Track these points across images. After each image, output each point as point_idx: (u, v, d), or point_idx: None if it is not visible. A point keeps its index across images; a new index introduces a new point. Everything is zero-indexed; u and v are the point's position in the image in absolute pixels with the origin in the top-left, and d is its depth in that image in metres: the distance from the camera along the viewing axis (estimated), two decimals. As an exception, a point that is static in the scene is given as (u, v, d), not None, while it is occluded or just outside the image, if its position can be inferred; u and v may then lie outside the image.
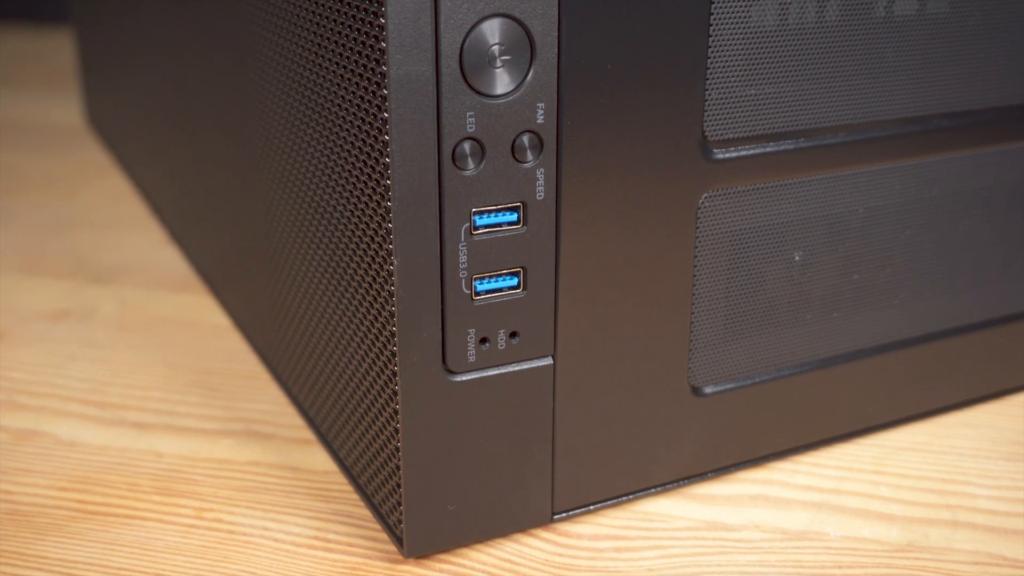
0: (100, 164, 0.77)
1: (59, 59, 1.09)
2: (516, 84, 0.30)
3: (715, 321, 0.37)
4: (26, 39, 1.21)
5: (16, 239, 0.63)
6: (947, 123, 0.38)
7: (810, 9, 0.34)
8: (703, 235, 0.35)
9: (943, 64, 0.37)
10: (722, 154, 0.34)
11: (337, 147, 0.33)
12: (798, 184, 0.36)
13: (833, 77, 0.35)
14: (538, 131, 0.31)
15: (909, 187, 0.38)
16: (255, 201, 0.42)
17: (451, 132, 0.30)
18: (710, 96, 0.33)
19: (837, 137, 0.36)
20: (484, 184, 0.31)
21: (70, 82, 0.99)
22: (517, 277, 0.32)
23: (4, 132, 0.86)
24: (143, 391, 0.46)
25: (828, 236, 0.38)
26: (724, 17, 0.33)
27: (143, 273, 0.58)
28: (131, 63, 0.64)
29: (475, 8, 0.29)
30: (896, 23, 0.36)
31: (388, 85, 0.29)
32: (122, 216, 0.67)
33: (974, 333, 0.42)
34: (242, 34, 0.40)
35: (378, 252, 0.31)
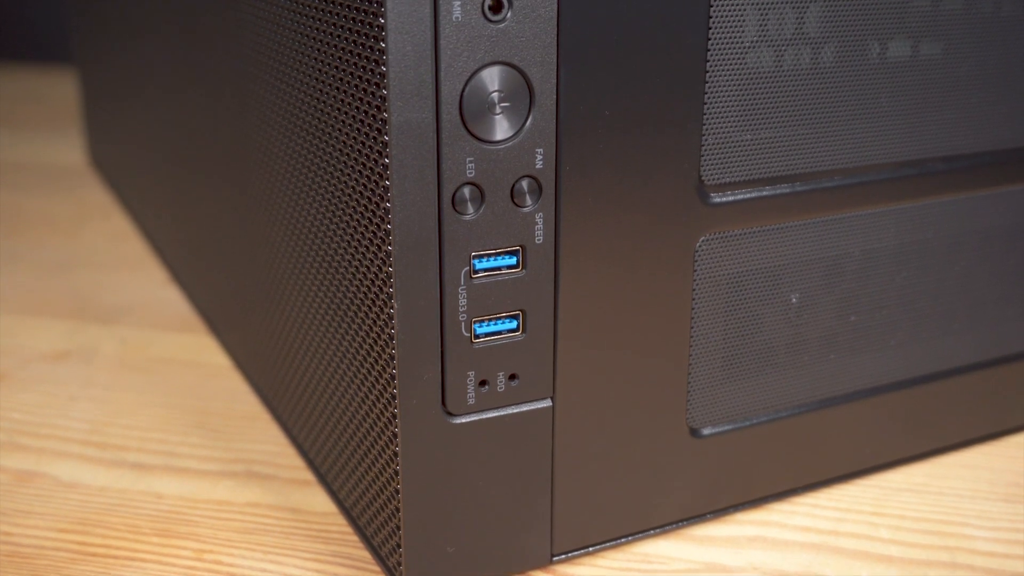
0: (102, 204, 0.78)
1: (62, 99, 1.10)
2: (515, 130, 0.31)
3: (713, 363, 0.37)
4: (29, 79, 1.22)
5: (18, 279, 0.64)
6: (942, 167, 0.38)
7: (805, 54, 0.35)
8: (701, 278, 0.35)
9: (937, 108, 0.38)
10: (719, 198, 0.35)
11: (338, 191, 0.33)
12: (795, 227, 0.37)
13: (828, 121, 0.36)
14: (537, 176, 0.31)
15: (905, 230, 0.39)
16: (256, 242, 0.43)
17: (451, 177, 0.30)
18: (707, 141, 0.34)
19: (833, 181, 0.37)
20: (484, 228, 0.31)
21: (72, 122, 1.00)
22: (516, 320, 0.33)
23: (6, 172, 0.87)
24: (143, 432, 0.46)
25: (825, 278, 0.38)
26: (720, 63, 0.33)
27: (144, 313, 0.58)
28: (134, 104, 0.65)
29: (475, 56, 0.29)
30: (890, 67, 0.36)
31: (389, 131, 0.29)
32: (124, 256, 0.67)
33: (970, 374, 0.42)
34: (245, 78, 0.41)
35: (379, 295, 0.32)
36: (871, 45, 0.36)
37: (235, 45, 0.41)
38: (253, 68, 0.39)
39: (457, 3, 0.29)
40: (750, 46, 0.34)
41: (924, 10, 0.36)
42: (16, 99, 1.13)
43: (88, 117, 0.84)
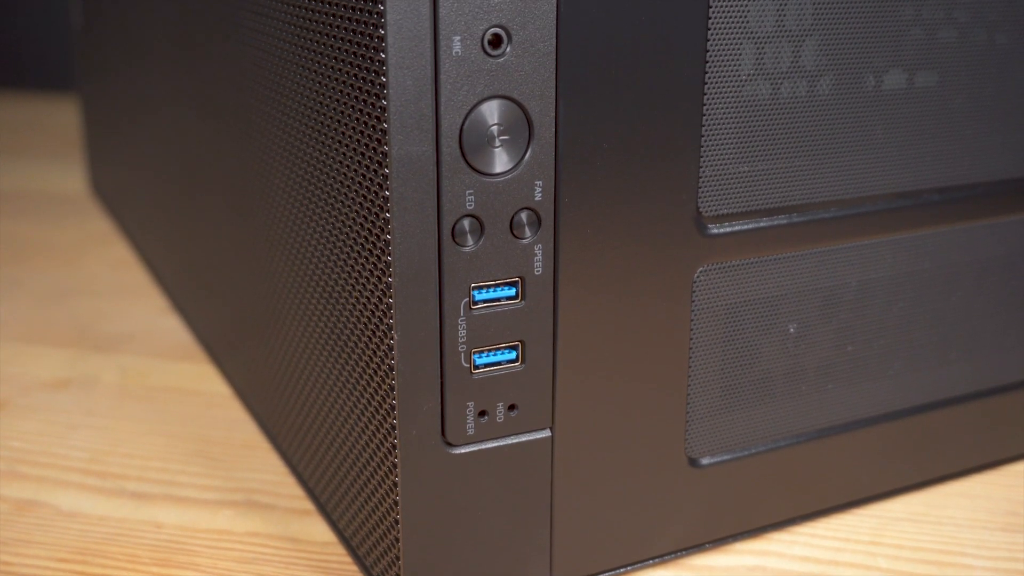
0: (103, 232, 0.78)
1: (64, 127, 1.10)
2: (514, 163, 0.31)
3: (711, 393, 0.37)
4: (31, 107, 1.22)
5: (19, 308, 0.64)
6: (937, 198, 0.39)
7: (801, 86, 0.35)
8: (699, 308, 0.36)
9: (932, 140, 0.38)
10: (717, 229, 0.35)
11: (339, 222, 0.33)
12: (792, 258, 0.37)
13: (825, 153, 0.36)
14: (536, 208, 0.32)
15: (901, 260, 0.39)
16: (256, 271, 0.43)
17: (451, 210, 0.31)
18: (704, 173, 0.34)
19: (830, 212, 0.37)
20: (483, 260, 0.31)
21: (74, 150, 1.01)
22: (515, 351, 0.33)
23: (8, 200, 0.87)
24: (143, 461, 0.46)
25: (822, 308, 0.38)
26: (717, 96, 0.34)
27: (145, 342, 0.58)
28: (135, 132, 0.65)
29: (474, 90, 0.30)
30: (885, 99, 0.37)
31: (389, 164, 0.30)
32: (124, 284, 0.67)
33: (968, 404, 0.42)
34: (246, 108, 0.41)
35: (379, 326, 0.32)
36: (866, 77, 0.36)
37: (237, 75, 0.42)
38: (255, 99, 0.40)
39: (457, 38, 0.29)
40: (747, 79, 0.34)
41: (919, 42, 0.37)
42: (18, 126, 1.14)
43: (90, 145, 0.85)
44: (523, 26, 0.30)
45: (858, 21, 0.35)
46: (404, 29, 0.29)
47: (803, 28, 0.35)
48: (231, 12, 0.41)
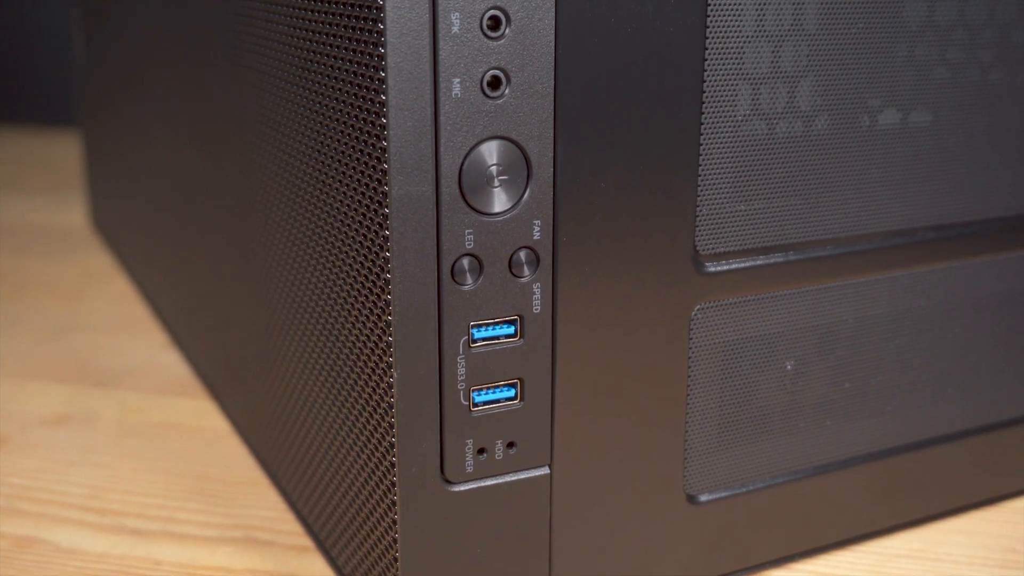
0: (104, 267, 0.78)
1: (65, 162, 1.11)
2: (513, 203, 0.31)
3: (709, 430, 0.37)
4: (32, 142, 1.23)
5: (19, 343, 0.64)
6: (932, 235, 0.39)
7: (797, 126, 0.36)
8: (696, 346, 0.36)
9: (927, 178, 0.38)
10: (714, 267, 0.35)
11: (339, 260, 0.34)
12: (789, 296, 0.37)
13: (821, 192, 0.37)
14: (534, 247, 0.32)
15: (897, 297, 0.39)
16: (256, 308, 0.43)
17: (450, 249, 0.31)
18: (701, 212, 0.35)
19: (826, 250, 0.37)
20: (482, 298, 0.32)
21: (75, 185, 1.01)
22: (514, 388, 0.33)
23: (9, 235, 0.88)
24: (143, 497, 0.46)
25: (819, 346, 0.38)
26: (713, 136, 0.34)
27: (144, 377, 0.58)
28: (136, 167, 0.65)
29: (474, 131, 0.30)
30: (880, 138, 0.37)
31: (389, 204, 0.30)
32: (125, 320, 0.67)
33: (966, 440, 0.42)
34: (247, 145, 0.41)
35: (378, 364, 0.32)
36: (861, 117, 0.37)
37: (239, 113, 0.42)
38: (256, 136, 0.40)
39: (456, 80, 0.30)
40: (743, 119, 0.34)
41: (912, 82, 0.37)
42: (20, 162, 1.14)
43: (91, 180, 0.85)
44: (521, 68, 0.30)
45: (852, 61, 0.36)
46: (404, 72, 0.29)
47: (798, 69, 0.35)
48: (234, 51, 0.41)
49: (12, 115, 1.31)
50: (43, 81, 1.29)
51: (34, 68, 1.29)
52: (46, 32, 1.28)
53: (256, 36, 0.38)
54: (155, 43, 0.56)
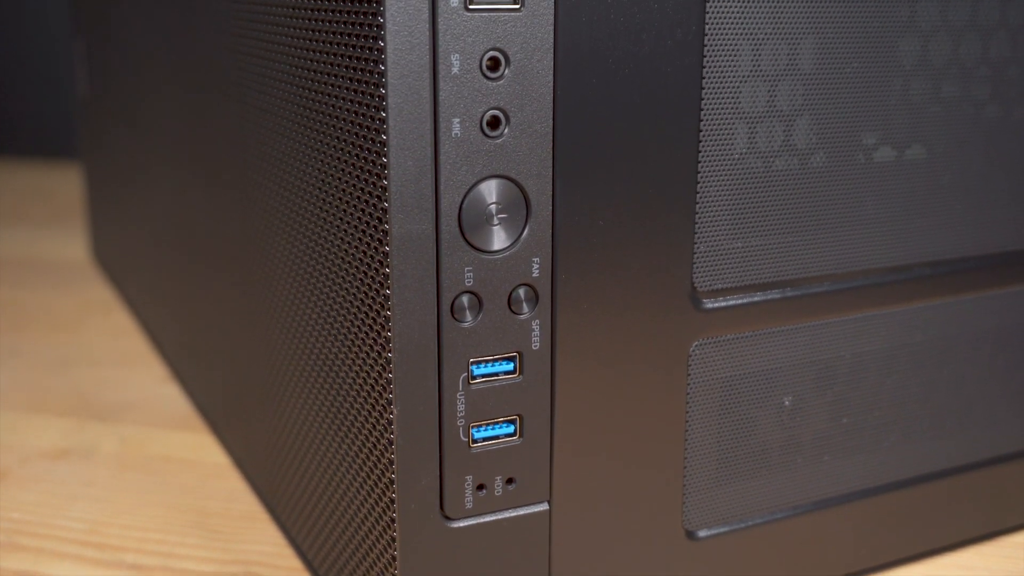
0: (104, 301, 0.78)
1: (66, 195, 1.11)
2: (512, 240, 0.32)
3: (708, 465, 0.37)
4: (34, 174, 1.24)
5: (19, 376, 0.64)
6: (928, 271, 0.39)
7: (793, 164, 0.36)
8: (694, 382, 0.36)
9: (923, 215, 0.39)
10: (711, 304, 0.36)
11: (339, 297, 0.34)
12: (786, 331, 0.37)
13: (817, 229, 0.37)
14: (533, 284, 0.32)
15: (894, 333, 0.40)
16: (257, 342, 0.43)
17: (450, 286, 0.31)
18: (698, 249, 0.35)
19: (822, 286, 0.37)
20: (481, 335, 0.32)
21: (77, 218, 1.01)
22: (513, 424, 0.33)
23: (10, 268, 0.88)
24: (142, 532, 0.46)
25: (817, 381, 0.39)
26: (710, 174, 0.34)
27: (144, 411, 0.59)
28: (137, 200, 0.66)
29: (473, 170, 0.31)
30: (875, 176, 0.37)
31: (390, 242, 0.30)
32: (124, 353, 0.68)
33: (964, 475, 0.43)
34: (248, 181, 0.42)
35: (378, 400, 0.32)
36: (857, 155, 0.37)
37: (240, 149, 0.42)
38: (257, 173, 0.40)
39: (456, 120, 0.30)
40: (739, 157, 0.35)
41: (907, 120, 0.38)
42: (21, 194, 1.15)
43: (92, 213, 0.85)
44: (520, 108, 0.31)
45: (848, 99, 0.36)
46: (405, 112, 0.29)
47: (794, 107, 0.35)
48: (236, 88, 0.42)
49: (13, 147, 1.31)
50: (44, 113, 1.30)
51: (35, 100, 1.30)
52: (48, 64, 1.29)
53: (258, 73, 0.39)
54: (157, 77, 0.56)
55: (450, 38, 0.29)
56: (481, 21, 0.30)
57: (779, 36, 0.35)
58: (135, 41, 0.61)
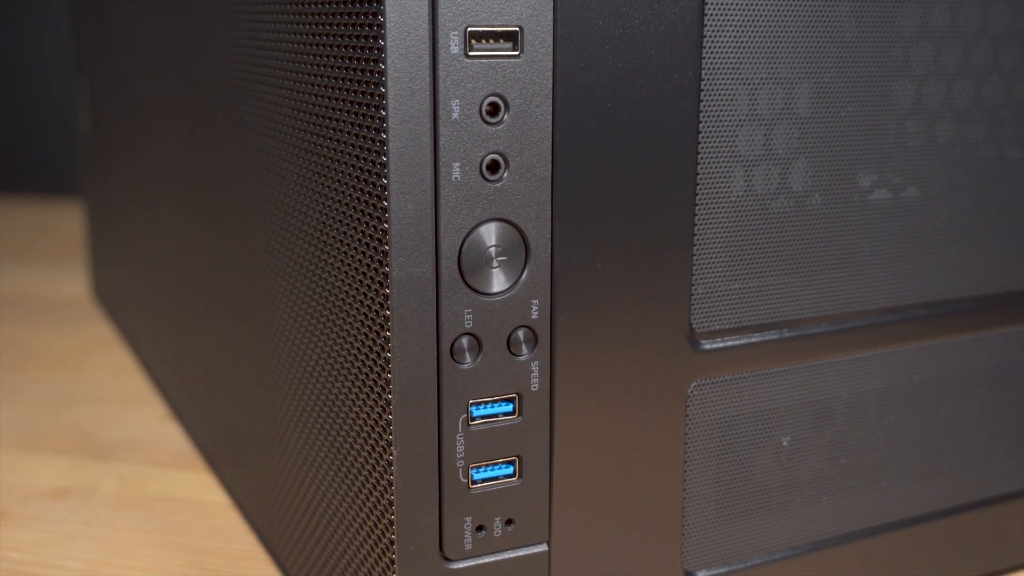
0: (105, 339, 0.79)
1: (68, 232, 1.12)
2: (512, 283, 0.32)
3: (707, 505, 0.37)
4: (35, 212, 1.24)
5: (19, 415, 0.64)
6: (925, 312, 0.40)
7: (790, 206, 0.36)
8: (693, 422, 0.36)
9: (918, 256, 0.39)
10: (709, 345, 0.36)
11: (340, 338, 0.34)
12: (784, 372, 0.38)
13: (814, 270, 0.37)
14: (532, 326, 0.33)
15: (891, 373, 0.40)
16: (257, 382, 0.44)
17: (449, 328, 0.31)
18: (696, 291, 0.35)
19: (819, 327, 0.38)
20: (481, 377, 0.32)
21: (78, 255, 1.02)
22: (513, 465, 0.33)
23: (11, 306, 0.88)
24: (141, 572, 0.46)
25: (815, 422, 0.39)
26: (707, 217, 0.35)
27: (144, 450, 0.59)
28: (139, 239, 0.66)
29: (473, 213, 0.31)
30: (871, 218, 0.38)
31: (390, 285, 0.30)
32: (125, 391, 0.68)
33: (962, 515, 0.43)
34: (250, 223, 0.42)
35: (378, 442, 0.32)
36: (853, 197, 0.37)
37: (242, 189, 0.43)
38: (258, 213, 0.41)
39: (456, 164, 0.30)
40: (736, 200, 0.35)
41: (903, 162, 0.38)
42: (23, 231, 1.15)
43: (93, 250, 0.86)
44: (520, 152, 0.31)
45: (843, 142, 0.37)
46: (406, 156, 0.30)
47: (790, 151, 0.36)
48: (238, 129, 0.42)
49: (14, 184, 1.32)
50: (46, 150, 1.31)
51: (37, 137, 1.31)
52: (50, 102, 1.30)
53: (260, 115, 0.39)
54: (159, 117, 0.57)
55: (450, 84, 0.30)
56: (481, 67, 0.30)
57: (775, 81, 0.35)
58: (137, 81, 0.62)
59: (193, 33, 0.48)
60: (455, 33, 0.30)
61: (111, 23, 0.68)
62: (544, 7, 0.31)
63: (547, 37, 0.31)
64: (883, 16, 0.36)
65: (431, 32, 0.30)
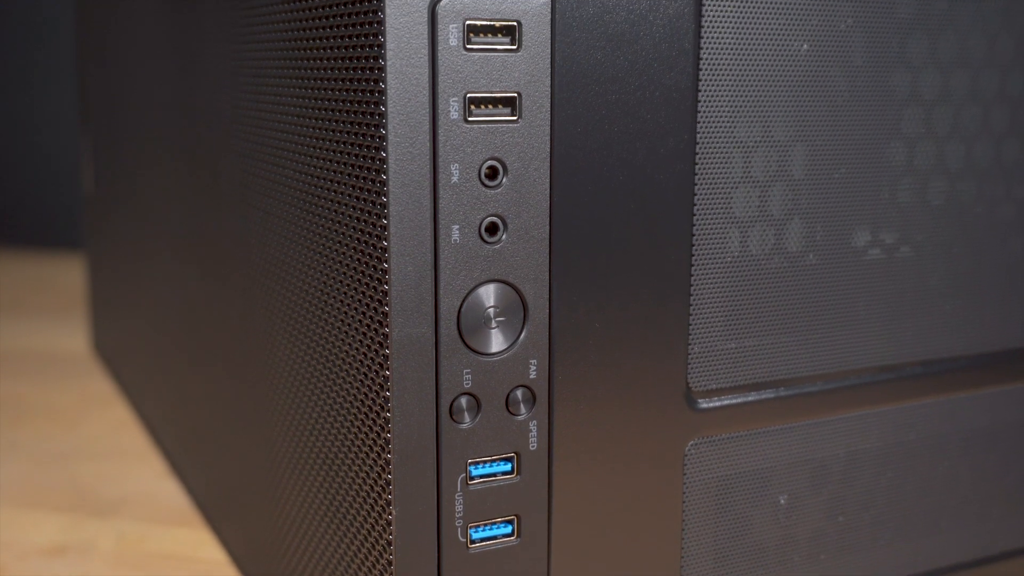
0: (105, 393, 0.79)
1: (69, 286, 1.12)
2: (510, 343, 0.32)
3: (705, 564, 0.37)
4: (36, 265, 1.25)
5: (17, 471, 0.64)
6: (920, 371, 0.40)
7: (785, 266, 0.37)
8: (690, 481, 0.36)
9: (912, 315, 0.40)
10: (706, 404, 0.36)
11: (339, 397, 0.34)
12: (781, 431, 0.38)
13: (809, 329, 0.38)
14: (531, 386, 0.33)
15: (888, 432, 0.40)
16: (256, 439, 0.44)
17: (448, 388, 0.32)
18: (693, 350, 0.35)
19: (815, 386, 0.38)
20: (480, 436, 0.32)
21: (78, 309, 1.02)
22: (511, 525, 0.34)
23: (10, 360, 0.88)
24: (138, 631, 0.46)
25: (812, 480, 0.39)
26: (704, 277, 0.35)
27: (142, 506, 0.59)
28: (140, 295, 0.67)
29: (472, 275, 0.31)
30: (866, 278, 0.38)
31: (390, 346, 0.31)
32: (124, 447, 0.68)
33: (960, 573, 0.43)
34: (250, 280, 0.42)
35: (377, 501, 0.33)
36: (847, 257, 0.38)
37: (243, 247, 0.43)
38: (259, 271, 0.41)
39: (456, 226, 0.31)
40: (732, 260, 0.36)
41: (896, 223, 0.39)
42: (24, 285, 1.16)
43: (94, 305, 0.86)
44: (518, 215, 0.32)
45: (837, 203, 0.37)
46: (406, 219, 0.30)
47: (785, 212, 0.36)
48: (240, 189, 0.43)
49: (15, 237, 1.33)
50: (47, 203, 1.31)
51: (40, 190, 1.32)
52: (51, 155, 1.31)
53: (263, 176, 0.40)
54: (162, 175, 0.57)
55: (450, 149, 0.30)
56: (480, 132, 0.31)
57: (769, 144, 0.36)
58: (141, 139, 0.63)
59: (197, 93, 0.49)
60: (455, 99, 0.30)
61: (116, 82, 0.69)
62: (542, 74, 0.31)
63: (545, 103, 0.31)
64: (875, 80, 0.37)
65: (431, 98, 0.30)
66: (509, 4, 0.31)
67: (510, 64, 0.31)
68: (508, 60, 0.31)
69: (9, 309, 1.06)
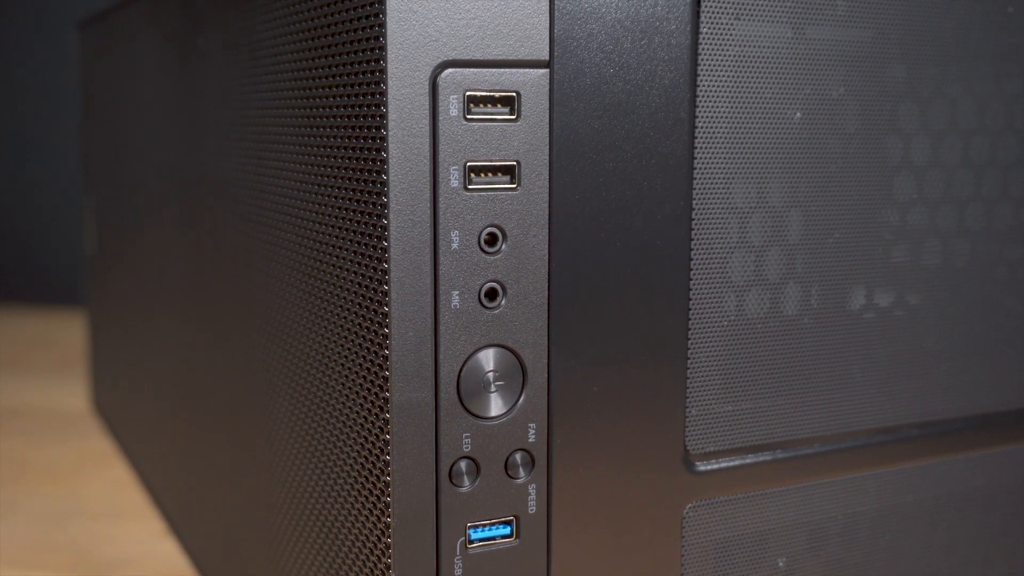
0: (104, 452, 0.79)
1: (69, 343, 1.13)
2: (509, 407, 0.33)
3: (704, 628, 0.37)
4: (35, 322, 1.25)
5: (15, 531, 0.64)
6: (917, 432, 0.40)
7: (782, 331, 0.37)
8: (689, 544, 0.37)
9: (908, 378, 0.40)
10: (704, 466, 0.36)
11: (339, 461, 0.35)
12: (779, 493, 0.38)
13: (805, 392, 0.38)
14: (530, 449, 0.33)
15: (885, 493, 0.40)
16: (256, 500, 0.44)
17: (448, 452, 0.32)
18: (691, 413, 0.36)
19: (812, 448, 0.38)
20: (479, 500, 0.33)
21: (78, 367, 1.02)
22: (510, 588, 0.34)
23: (9, 418, 0.88)
24: None
25: (810, 542, 0.39)
26: (701, 342, 0.36)
27: (142, 566, 0.58)
28: (140, 354, 0.67)
29: (471, 340, 0.32)
30: (861, 342, 0.39)
31: (390, 410, 0.31)
32: (123, 506, 0.68)
33: (961, 636, 0.43)
34: (251, 343, 0.43)
35: (376, 565, 0.33)
36: (843, 321, 0.38)
37: (244, 310, 0.44)
38: (260, 335, 0.42)
39: (455, 292, 0.31)
40: (728, 324, 0.36)
41: (891, 287, 0.39)
42: (24, 342, 1.16)
43: (94, 363, 0.86)
44: (517, 280, 0.32)
45: (832, 268, 0.38)
46: (407, 285, 0.31)
47: (781, 276, 0.37)
48: (242, 252, 0.43)
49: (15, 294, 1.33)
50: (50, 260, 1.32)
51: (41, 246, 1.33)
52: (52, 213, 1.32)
53: (264, 240, 0.40)
54: (164, 236, 0.58)
55: (450, 216, 0.31)
56: (480, 200, 0.31)
57: (764, 209, 0.36)
58: (144, 200, 0.63)
59: (200, 156, 0.49)
60: (455, 168, 0.31)
61: (119, 143, 0.70)
62: (540, 143, 0.32)
63: (543, 171, 0.32)
64: (868, 146, 0.38)
65: (432, 167, 0.31)
66: (508, 75, 0.31)
67: (509, 133, 0.32)
68: (507, 130, 0.31)
69: (10, 366, 1.06)
